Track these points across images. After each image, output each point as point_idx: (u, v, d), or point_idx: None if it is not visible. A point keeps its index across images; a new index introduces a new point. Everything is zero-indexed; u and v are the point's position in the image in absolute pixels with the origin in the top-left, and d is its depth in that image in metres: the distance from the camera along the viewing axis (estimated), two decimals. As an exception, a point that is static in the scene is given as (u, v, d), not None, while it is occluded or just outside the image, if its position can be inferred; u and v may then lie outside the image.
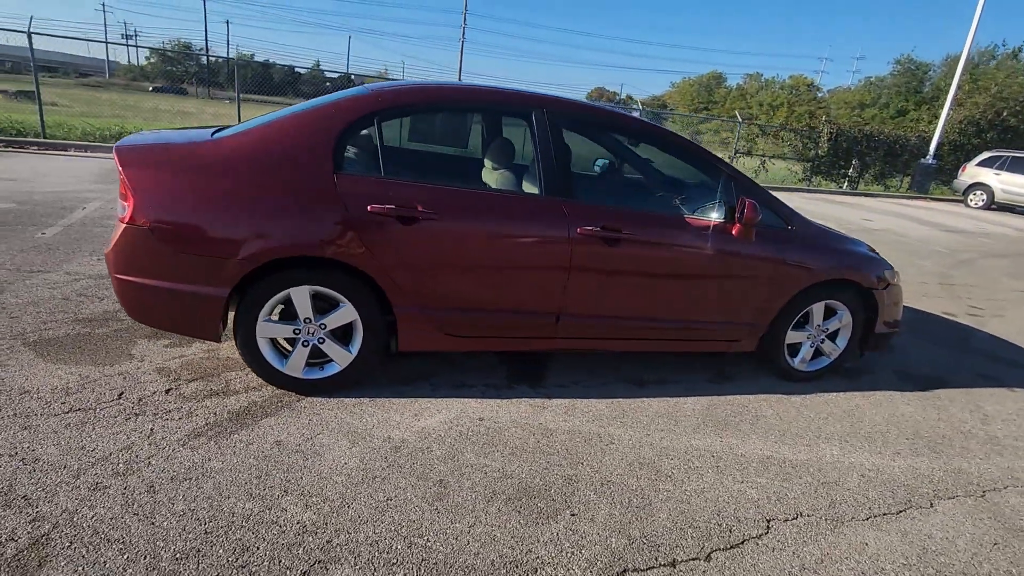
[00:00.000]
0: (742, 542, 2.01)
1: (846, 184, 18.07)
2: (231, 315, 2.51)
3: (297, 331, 2.51)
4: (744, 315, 3.05)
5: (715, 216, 2.88)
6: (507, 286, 2.66)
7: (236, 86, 11.10)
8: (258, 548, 1.74)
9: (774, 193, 3.32)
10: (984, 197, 15.75)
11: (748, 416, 2.90)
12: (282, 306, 2.51)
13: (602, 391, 2.98)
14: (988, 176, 15.74)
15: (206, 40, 57.82)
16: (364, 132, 2.52)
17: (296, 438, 2.29)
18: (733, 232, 2.86)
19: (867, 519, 2.20)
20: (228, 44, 65.12)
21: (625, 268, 2.77)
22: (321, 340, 2.54)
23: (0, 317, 3.03)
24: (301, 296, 2.45)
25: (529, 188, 2.78)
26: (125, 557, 1.65)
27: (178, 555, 1.68)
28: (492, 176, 3.02)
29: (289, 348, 2.57)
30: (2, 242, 4.24)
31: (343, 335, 2.60)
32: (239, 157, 2.35)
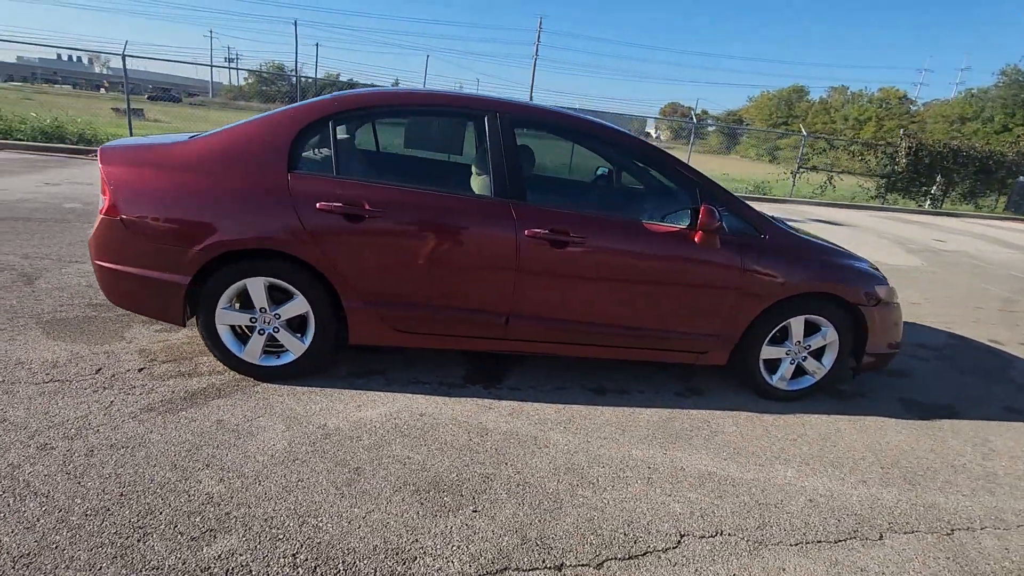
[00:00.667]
0: (643, 554, 1.93)
1: (928, 203, 16.72)
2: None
3: (254, 320, 2.67)
4: (710, 326, 2.93)
5: (675, 222, 2.80)
6: (455, 285, 2.71)
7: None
8: (161, 513, 1.87)
9: (838, 211, 3.18)
10: (1092, 219, 14.09)
11: (706, 431, 2.77)
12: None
13: (557, 396, 2.95)
14: (1097, 196, 14.08)
15: (296, 62, 61.89)
16: (320, 135, 2.67)
17: (237, 418, 2.44)
18: (695, 239, 2.78)
19: (795, 544, 2.06)
20: (316, 65, 69.36)
21: (576, 272, 2.75)
22: (276, 329, 2.70)
23: (28, 299, 3.42)
24: (256, 287, 2.61)
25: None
26: (43, 509, 1.83)
27: (88, 512, 1.84)
28: (476, 181, 3.08)
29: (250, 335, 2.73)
30: (57, 236, 4.77)
31: (299, 326, 2.74)
32: (203, 156, 2.56)
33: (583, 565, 1.86)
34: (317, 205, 2.52)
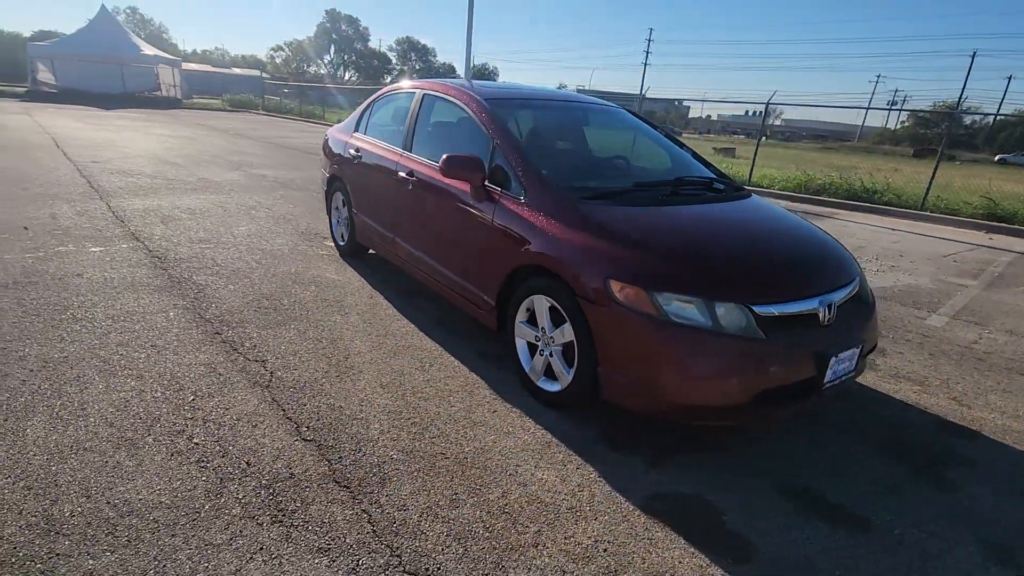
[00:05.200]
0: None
1: None
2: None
3: (338, 216, 4.71)
4: (475, 281, 2.85)
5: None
6: (380, 207, 3.87)
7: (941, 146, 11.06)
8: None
9: None
10: None
11: (419, 366, 2.87)
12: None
13: (408, 312, 3.59)
14: None
15: (960, 97, 52.71)
16: (368, 111, 4.32)
17: (296, 256, 4.56)
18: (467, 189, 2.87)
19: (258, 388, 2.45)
20: (1001, 101, 56.74)
21: (414, 205, 3.40)
22: (338, 223, 4.64)
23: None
24: (337, 198, 4.62)
25: None
26: (186, 267, 4.54)
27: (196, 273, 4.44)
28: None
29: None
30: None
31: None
32: (340, 125, 4.73)
33: (222, 321, 3.04)
34: (350, 151, 4.27)
